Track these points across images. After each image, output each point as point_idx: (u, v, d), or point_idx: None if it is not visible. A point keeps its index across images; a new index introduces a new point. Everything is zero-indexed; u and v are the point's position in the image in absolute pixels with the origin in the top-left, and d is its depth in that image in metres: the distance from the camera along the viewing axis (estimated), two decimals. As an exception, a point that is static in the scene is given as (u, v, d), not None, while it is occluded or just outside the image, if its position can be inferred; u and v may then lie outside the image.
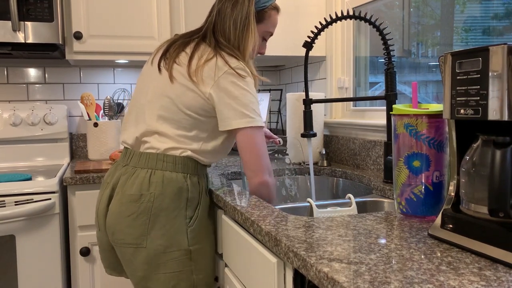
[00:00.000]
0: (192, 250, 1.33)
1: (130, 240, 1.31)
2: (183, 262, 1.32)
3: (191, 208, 1.34)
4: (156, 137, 1.34)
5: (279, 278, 0.97)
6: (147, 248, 1.30)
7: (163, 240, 1.29)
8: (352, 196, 1.39)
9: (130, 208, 1.30)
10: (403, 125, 1.08)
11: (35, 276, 1.83)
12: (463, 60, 0.86)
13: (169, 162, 1.32)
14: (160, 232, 1.29)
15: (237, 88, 1.30)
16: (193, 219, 1.34)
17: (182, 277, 1.32)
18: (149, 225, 1.29)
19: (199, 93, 1.31)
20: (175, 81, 1.34)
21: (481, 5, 1.60)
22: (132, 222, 1.30)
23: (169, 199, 1.30)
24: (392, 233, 0.95)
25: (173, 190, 1.31)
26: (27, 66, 2.47)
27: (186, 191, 1.33)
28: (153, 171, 1.32)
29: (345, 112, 2.15)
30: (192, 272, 1.33)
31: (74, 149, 2.55)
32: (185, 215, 1.32)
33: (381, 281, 0.69)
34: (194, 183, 1.36)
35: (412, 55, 1.93)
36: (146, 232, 1.30)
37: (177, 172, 1.32)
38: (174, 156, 1.33)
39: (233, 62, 1.32)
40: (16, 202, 1.78)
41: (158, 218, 1.29)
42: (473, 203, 0.86)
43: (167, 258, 1.30)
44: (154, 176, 1.31)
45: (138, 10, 2.25)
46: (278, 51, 2.16)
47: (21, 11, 2.00)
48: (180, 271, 1.31)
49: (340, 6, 2.13)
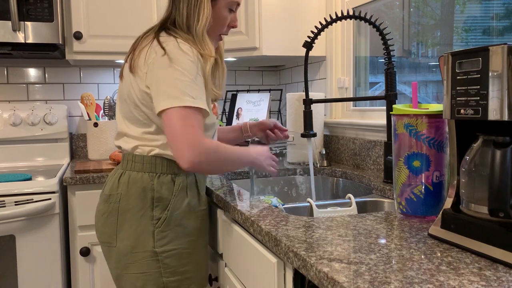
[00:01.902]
0: (159, 252, 1.28)
1: (104, 238, 1.34)
2: (149, 263, 1.28)
3: (159, 208, 1.29)
4: (125, 139, 1.35)
5: (279, 278, 0.97)
6: (117, 247, 1.30)
7: (130, 241, 1.28)
8: (352, 196, 1.39)
9: (103, 208, 1.34)
10: (403, 125, 1.08)
11: (35, 276, 1.83)
12: (463, 60, 0.86)
13: (137, 162, 1.31)
14: (127, 232, 1.29)
15: (163, 66, 1.21)
16: (161, 220, 1.28)
17: (149, 278, 1.28)
18: (118, 224, 1.30)
19: (140, 85, 1.27)
20: (124, 80, 1.34)
21: (481, 5, 1.60)
22: (105, 221, 1.33)
23: (133, 199, 1.29)
24: (392, 233, 0.95)
25: (137, 190, 1.29)
26: (27, 66, 2.47)
27: (151, 191, 1.28)
28: (124, 171, 1.33)
29: (345, 112, 2.15)
30: (161, 274, 1.28)
31: (74, 149, 2.55)
32: (151, 216, 1.28)
33: (381, 281, 0.69)
34: (164, 183, 1.30)
35: (412, 55, 1.93)
36: (116, 231, 1.30)
37: (143, 172, 1.30)
38: (143, 155, 1.31)
39: (168, 43, 1.25)
40: (16, 202, 1.78)
41: (125, 218, 1.29)
42: (473, 203, 0.86)
43: (134, 258, 1.29)
44: (123, 176, 1.32)
45: (138, 10, 2.25)
46: (278, 51, 2.16)
47: (21, 11, 2.00)
48: (147, 272, 1.28)
49: (340, 6, 2.13)
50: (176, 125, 1.18)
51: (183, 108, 1.19)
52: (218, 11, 1.36)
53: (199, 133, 1.19)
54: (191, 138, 1.18)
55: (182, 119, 1.18)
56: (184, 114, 1.19)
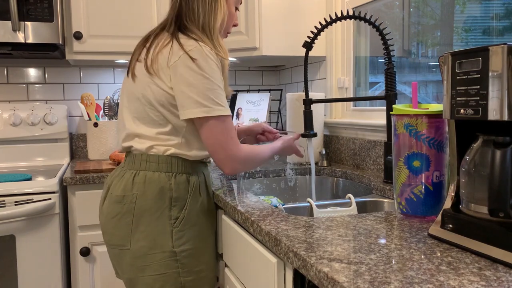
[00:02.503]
0: (178, 252, 1.27)
1: (115, 241, 1.31)
2: (168, 263, 1.27)
3: (177, 208, 1.29)
4: (137, 140, 1.32)
5: (279, 278, 0.97)
6: (131, 250, 1.28)
7: (147, 242, 1.26)
8: (352, 196, 1.39)
9: (115, 209, 1.30)
10: (403, 125, 1.08)
11: (35, 276, 1.83)
12: (463, 60, 0.86)
13: (152, 162, 1.30)
14: (144, 234, 1.27)
15: (192, 73, 1.21)
16: (179, 219, 1.28)
17: (168, 279, 1.27)
18: (133, 226, 1.27)
19: (160, 85, 1.26)
20: (137, 79, 1.31)
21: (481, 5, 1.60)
22: (117, 223, 1.29)
23: (151, 200, 1.27)
24: (392, 233, 0.95)
25: (154, 190, 1.27)
26: (27, 66, 2.47)
27: (169, 190, 1.28)
28: (137, 172, 1.30)
29: (345, 112, 2.15)
30: (179, 274, 1.28)
31: (74, 149, 2.55)
32: (169, 216, 1.28)
33: (381, 281, 0.69)
34: (181, 182, 1.30)
35: (412, 55, 1.93)
36: (130, 233, 1.28)
37: (160, 172, 1.29)
38: (158, 155, 1.29)
39: (189, 44, 1.24)
40: (16, 202, 1.78)
41: (141, 219, 1.27)
42: (473, 203, 0.86)
43: (151, 260, 1.26)
44: (138, 177, 1.29)
45: (138, 10, 2.25)
46: (278, 51, 2.16)
47: (21, 11, 2.00)
48: (165, 273, 1.27)
49: (340, 6, 2.13)
50: (217, 137, 1.25)
51: (217, 118, 1.24)
52: (229, 8, 1.37)
53: (237, 143, 1.28)
54: (232, 149, 1.27)
55: (221, 131, 1.25)
56: (222, 125, 1.25)
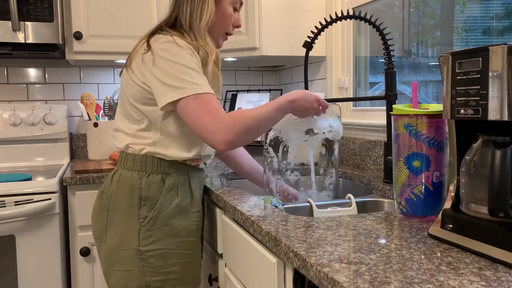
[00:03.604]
0: (143, 251, 1.28)
1: (95, 234, 1.37)
2: (134, 261, 1.29)
3: (146, 207, 1.29)
4: (118, 134, 1.38)
5: (279, 278, 0.97)
6: (106, 243, 1.33)
7: (117, 237, 1.30)
8: (352, 196, 1.39)
9: (96, 204, 1.38)
10: (403, 125, 1.08)
11: (35, 276, 1.83)
12: (463, 60, 0.86)
13: (129, 161, 1.34)
14: (116, 229, 1.31)
15: (163, 61, 1.22)
16: (148, 219, 1.29)
17: (133, 277, 1.29)
18: (108, 220, 1.32)
19: (135, 80, 1.29)
20: (122, 76, 1.37)
21: (481, 5, 1.60)
22: (97, 217, 1.36)
23: (122, 197, 1.31)
24: (392, 233, 0.95)
25: (125, 188, 1.31)
26: (27, 66, 2.47)
27: (138, 189, 1.30)
28: (117, 169, 1.37)
29: (345, 112, 2.14)
30: (144, 273, 1.28)
31: (74, 149, 2.55)
32: (138, 214, 1.29)
33: (381, 281, 0.69)
34: (153, 182, 1.31)
35: (412, 55, 1.93)
36: (106, 227, 1.33)
37: (133, 171, 1.32)
38: (134, 154, 1.33)
39: (163, 38, 1.26)
40: (16, 202, 1.78)
41: (114, 215, 1.32)
42: (473, 203, 0.86)
43: (120, 255, 1.30)
44: (116, 174, 1.35)
45: (138, 10, 2.25)
46: (278, 51, 2.16)
47: (21, 11, 2.00)
48: (131, 270, 1.29)
49: (340, 6, 2.13)
50: (193, 116, 1.19)
51: (196, 96, 1.19)
52: (223, 9, 1.38)
53: (217, 114, 1.18)
54: (211, 121, 1.17)
55: (197, 108, 1.18)
56: (197, 102, 1.19)
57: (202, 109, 1.18)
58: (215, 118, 1.18)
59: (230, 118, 1.19)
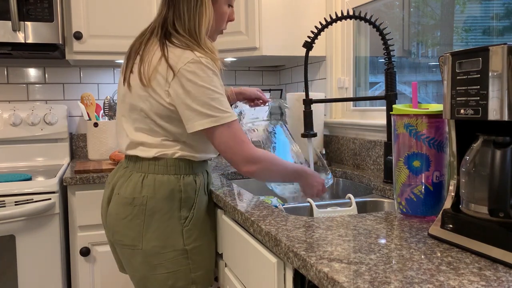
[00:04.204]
0: (189, 250, 1.33)
1: (127, 241, 1.33)
2: (180, 261, 1.32)
3: (186, 208, 1.33)
4: (141, 148, 1.33)
5: (279, 278, 0.97)
6: (143, 250, 1.31)
7: (158, 242, 1.30)
8: (352, 196, 1.39)
9: (126, 211, 1.32)
10: (403, 125, 1.08)
11: (35, 276, 1.83)
12: (463, 60, 0.86)
13: (161, 166, 1.32)
14: (155, 234, 1.30)
15: (192, 85, 1.22)
16: (188, 219, 1.33)
17: (180, 276, 1.32)
18: (144, 227, 1.30)
19: (158, 99, 1.27)
20: (133, 90, 1.31)
21: (481, 5, 1.60)
22: (128, 224, 1.32)
23: (161, 202, 1.30)
24: (392, 233, 0.95)
25: (165, 192, 1.31)
26: (27, 66, 2.47)
27: (179, 192, 1.32)
28: (146, 174, 1.33)
29: (345, 112, 2.15)
30: (190, 270, 1.34)
31: (74, 149, 2.55)
32: (179, 216, 1.32)
33: (381, 281, 0.69)
34: (189, 183, 1.34)
35: (412, 55, 1.93)
36: (142, 234, 1.31)
37: (169, 175, 1.32)
38: (166, 159, 1.32)
39: (185, 57, 1.24)
40: (16, 202, 1.78)
41: (152, 220, 1.30)
42: (473, 203, 0.86)
43: (163, 258, 1.31)
44: (147, 179, 1.32)
45: (138, 10, 2.24)
46: (278, 51, 2.16)
47: (21, 11, 2.00)
48: (177, 270, 1.32)
49: (340, 6, 2.13)
50: (228, 143, 1.26)
51: (225, 125, 1.25)
52: (218, 9, 1.37)
53: (249, 145, 1.29)
54: (244, 151, 1.28)
55: (231, 136, 1.26)
56: (230, 131, 1.26)
57: (237, 138, 1.27)
58: (249, 148, 1.29)
59: (260, 154, 1.30)
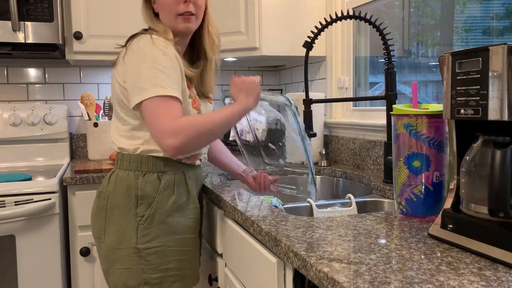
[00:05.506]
0: (141, 249, 1.30)
1: (95, 233, 1.39)
2: (133, 259, 1.30)
3: (143, 206, 1.31)
4: (113, 136, 1.40)
5: (279, 278, 0.97)
6: (104, 243, 1.34)
7: (116, 237, 1.32)
8: (352, 196, 1.39)
9: (95, 204, 1.40)
10: (403, 125, 1.08)
11: (35, 276, 1.83)
12: (463, 60, 0.86)
13: (124, 161, 1.35)
14: (114, 229, 1.32)
15: (131, 64, 1.28)
16: (145, 217, 1.30)
17: (132, 274, 1.31)
18: (106, 220, 1.34)
19: (118, 80, 1.32)
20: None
21: (481, 5, 1.60)
22: (96, 217, 1.37)
23: (119, 197, 1.32)
24: (392, 233, 0.95)
25: (122, 188, 1.33)
26: (27, 66, 2.47)
27: (135, 189, 1.31)
28: (114, 170, 1.38)
29: (345, 112, 2.15)
30: (143, 270, 1.30)
31: (74, 149, 2.55)
32: (135, 213, 1.31)
33: (381, 281, 0.69)
34: (150, 181, 1.32)
35: (412, 55, 1.93)
36: (104, 227, 1.34)
37: (129, 171, 1.33)
38: (129, 155, 1.34)
39: (142, 38, 1.30)
40: (16, 202, 1.78)
41: (112, 215, 1.33)
42: (473, 203, 0.86)
43: (119, 254, 1.32)
44: (113, 174, 1.37)
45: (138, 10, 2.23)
46: (278, 51, 2.16)
47: (21, 11, 2.00)
48: (129, 268, 1.31)
49: (340, 6, 2.13)
50: (151, 117, 1.21)
51: (154, 99, 1.21)
52: None
53: (169, 118, 1.19)
54: (162, 126, 1.19)
55: (155, 110, 1.20)
56: (156, 104, 1.20)
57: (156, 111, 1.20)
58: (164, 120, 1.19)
59: (181, 122, 1.19)
